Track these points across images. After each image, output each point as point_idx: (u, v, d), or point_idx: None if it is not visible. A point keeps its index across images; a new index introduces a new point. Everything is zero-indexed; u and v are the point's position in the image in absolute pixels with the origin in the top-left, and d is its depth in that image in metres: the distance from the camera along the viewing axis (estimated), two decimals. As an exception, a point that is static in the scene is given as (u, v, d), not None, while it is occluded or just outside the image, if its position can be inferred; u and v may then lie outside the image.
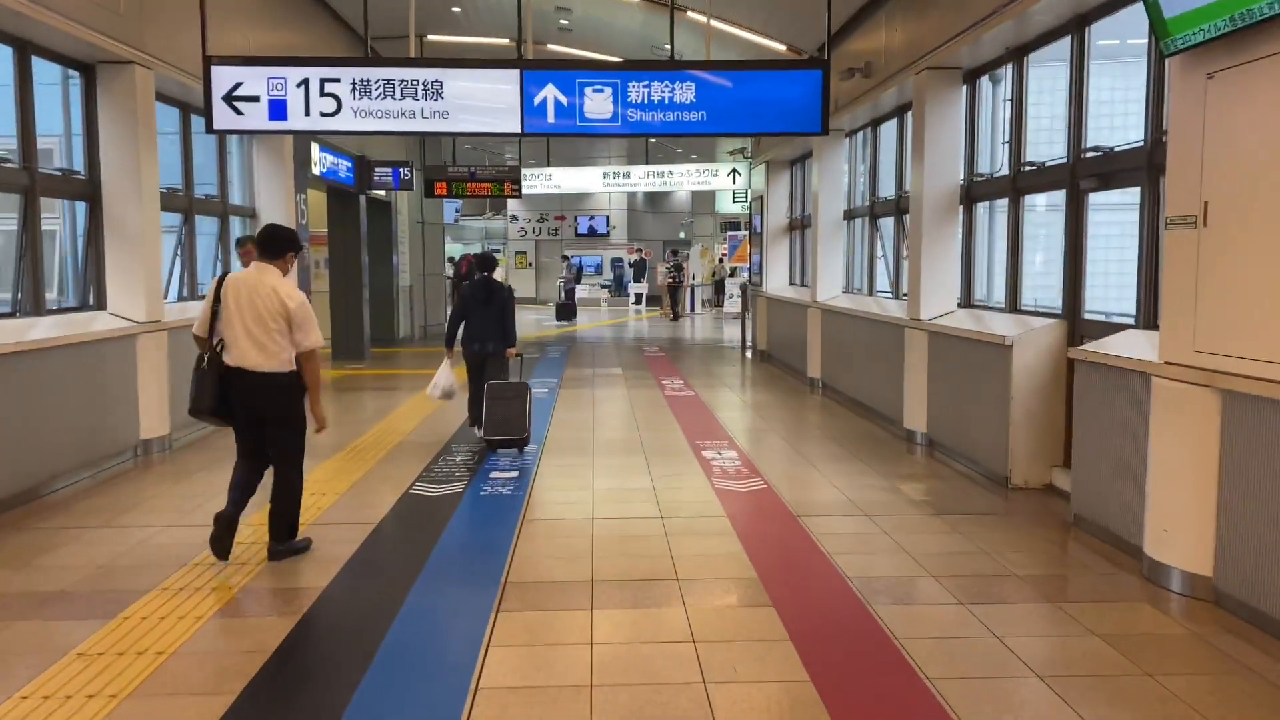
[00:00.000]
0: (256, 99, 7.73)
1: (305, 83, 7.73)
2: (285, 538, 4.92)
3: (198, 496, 6.32)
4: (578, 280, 24.28)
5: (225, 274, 4.87)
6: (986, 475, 6.80)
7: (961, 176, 8.00)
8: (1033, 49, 6.93)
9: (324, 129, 7.87)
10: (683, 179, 18.14)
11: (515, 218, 32.69)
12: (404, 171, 14.88)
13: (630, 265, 30.47)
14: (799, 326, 12.49)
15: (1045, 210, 7.76)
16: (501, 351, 8.09)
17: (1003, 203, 7.51)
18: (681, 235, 33.81)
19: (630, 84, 7.83)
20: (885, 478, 6.86)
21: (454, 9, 13.10)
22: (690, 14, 11.25)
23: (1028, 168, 7.01)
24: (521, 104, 7.82)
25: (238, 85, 7.69)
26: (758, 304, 15.50)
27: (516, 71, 7.76)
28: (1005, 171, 7.34)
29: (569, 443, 8.19)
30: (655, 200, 34.76)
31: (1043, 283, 7.42)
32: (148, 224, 7.87)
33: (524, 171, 18.96)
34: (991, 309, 7.73)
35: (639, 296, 29.92)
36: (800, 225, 14.19)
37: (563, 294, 24.31)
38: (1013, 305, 7.28)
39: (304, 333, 4.75)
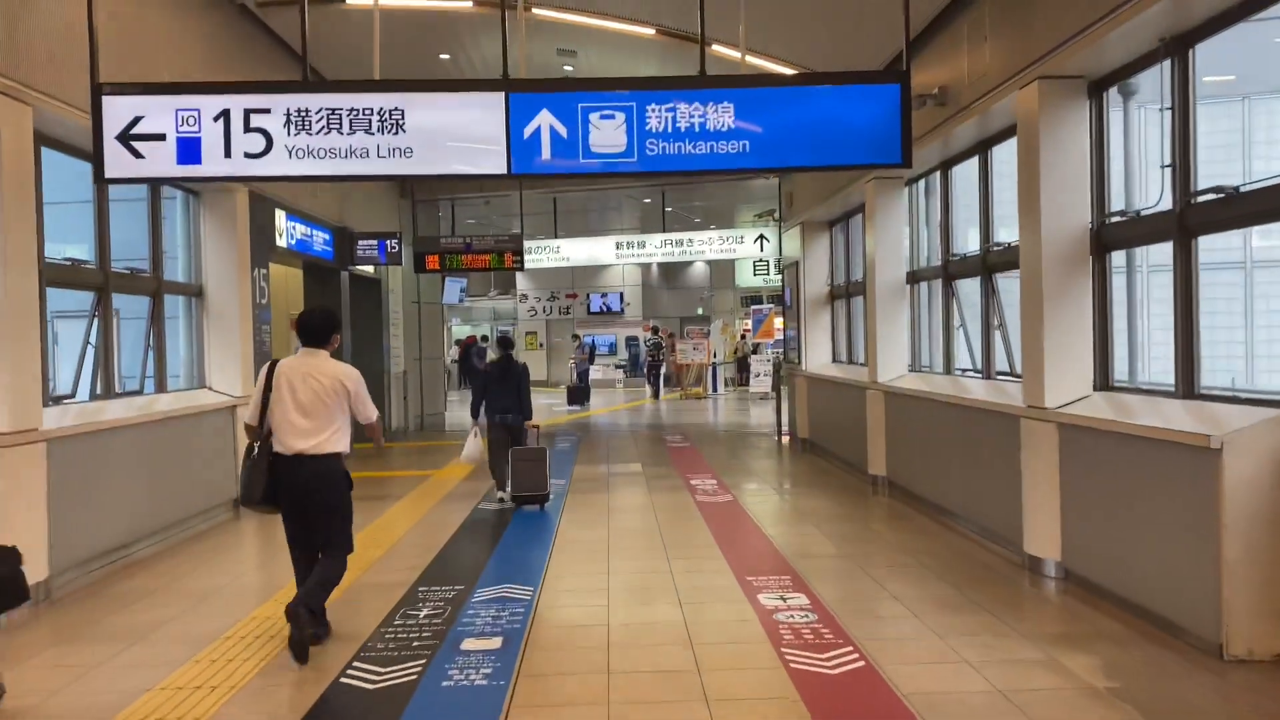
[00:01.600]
0: (161, 137, 5.93)
1: (225, 115, 5.94)
2: (313, 606, 4.75)
3: (74, 667, 4.31)
4: (591, 360, 22.40)
5: (275, 361, 4.91)
6: (1173, 631, 4.70)
7: (1089, 217, 6.06)
8: (1205, 35, 5.05)
9: (250, 174, 6.05)
10: (704, 247, 16.39)
11: (525, 296, 31.03)
12: (391, 244, 13.13)
13: (645, 344, 28.64)
14: (853, 412, 10.47)
15: (1211, 260, 5.79)
16: (520, 423, 8.93)
17: (1160, 250, 5.55)
18: (700, 311, 32.02)
19: (649, 108, 6.00)
20: (1031, 641, 4.75)
21: (441, 55, 11.46)
22: (718, 47, 9.53)
23: (1205, 197, 5.06)
24: (508, 137, 6.00)
25: (137, 120, 5.90)
26: (796, 385, 13.50)
27: (500, 95, 5.95)
28: (1165, 205, 5.38)
29: (575, 586, 6.13)
30: (671, 275, 33.08)
31: (1225, 354, 5.42)
32: (18, 304, 5.99)
33: (529, 244, 17.24)
34: (1148, 392, 5.70)
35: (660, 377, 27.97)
36: (845, 293, 12.27)
37: (574, 375, 22.41)
38: (1187, 388, 5.25)
39: (364, 408, 4.97)
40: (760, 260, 30.50)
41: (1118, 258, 6.05)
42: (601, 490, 9.74)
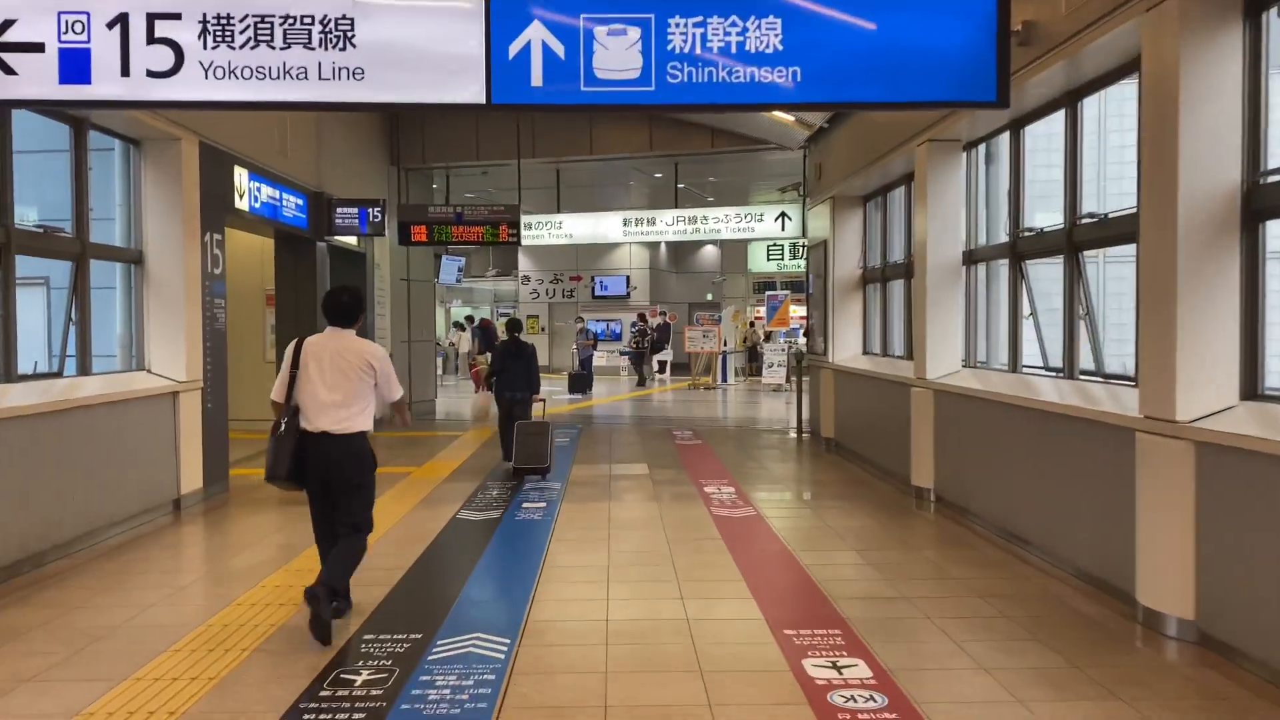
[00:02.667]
0: (39, 48, 4.63)
1: (122, 21, 4.64)
2: (337, 584, 4.69)
3: None
4: (594, 347, 21.07)
5: (302, 338, 4.87)
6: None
7: (1238, 175, 4.68)
8: None
9: (154, 98, 4.70)
10: (719, 226, 15.02)
11: (526, 278, 29.68)
12: (373, 212, 11.77)
13: (653, 330, 27.31)
14: (892, 412, 9.14)
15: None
16: (528, 398, 9.88)
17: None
18: (709, 297, 30.64)
19: (672, 21, 4.66)
20: (1192, 751, 3.44)
21: None
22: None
23: None
24: (488, 56, 4.68)
25: (7, 25, 4.59)
26: (820, 378, 12.15)
27: (478, 1, 4.62)
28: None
29: (563, 638, 4.81)
30: (680, 258, 31.70)
31: None
32: None
33: (528, 219, 15.88)
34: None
35: (662, 365, 26.66)
36: (881, 277, 10.91)
37: (577, 363, 21.09)
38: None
39: (390, 386, 4.93)
40: (775, 244, 29.08)
41: (1275, 227, 4.68)
42: (602, 497, 8.42)
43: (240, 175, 9.34)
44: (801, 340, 27.69)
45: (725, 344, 23.06)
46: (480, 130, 14.58)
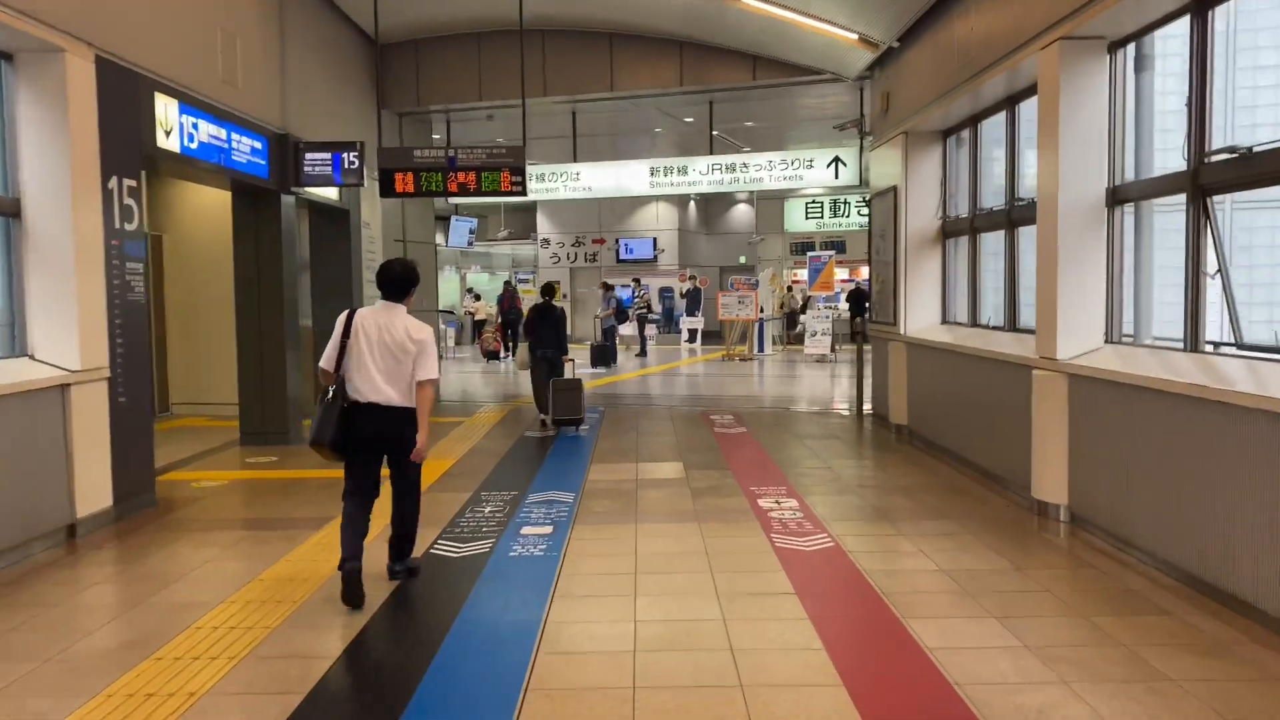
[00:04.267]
0: None
1: None
2: (407, 555, 5.12)
3: None
4: (620, 318, 19.05)
5: (354, 309, 4.88)
6: None
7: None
8: None
9: None
10: (761, 174, 12.88)
11: (546, 241, 27.66)
12: (349, 158, 9.79)
13: (682, 296, 25.25)
14: (998, 400, 7.11)
15: None
16: (559, 357, 10.56)
17: None
18: (742, 260, 28.49)
19: None
20: None
21: None
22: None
23: None
24: None
25: None
26: (889, 353, 10.09)
27: None
28: None
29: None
30: (711, 218, 29.53)
31: None
32: None
33: (541, 169, 13.85)
34: None
35: (693, 333, 24.65)
36: (969, 228, 8.82)
37: (600, 333, 19.12)
38: None
39: (425, 365, 4.80)
40: (814, 201, 26.92)
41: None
42: (626, 517, 6.46)
43: (165, 106, 7.38)
44: (843, 305, 25.59)
45: (762, 310, 20.98)
46: (483, 63, 12.55)
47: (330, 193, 11.31)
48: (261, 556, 5.63)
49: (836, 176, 12.65)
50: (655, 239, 26.74)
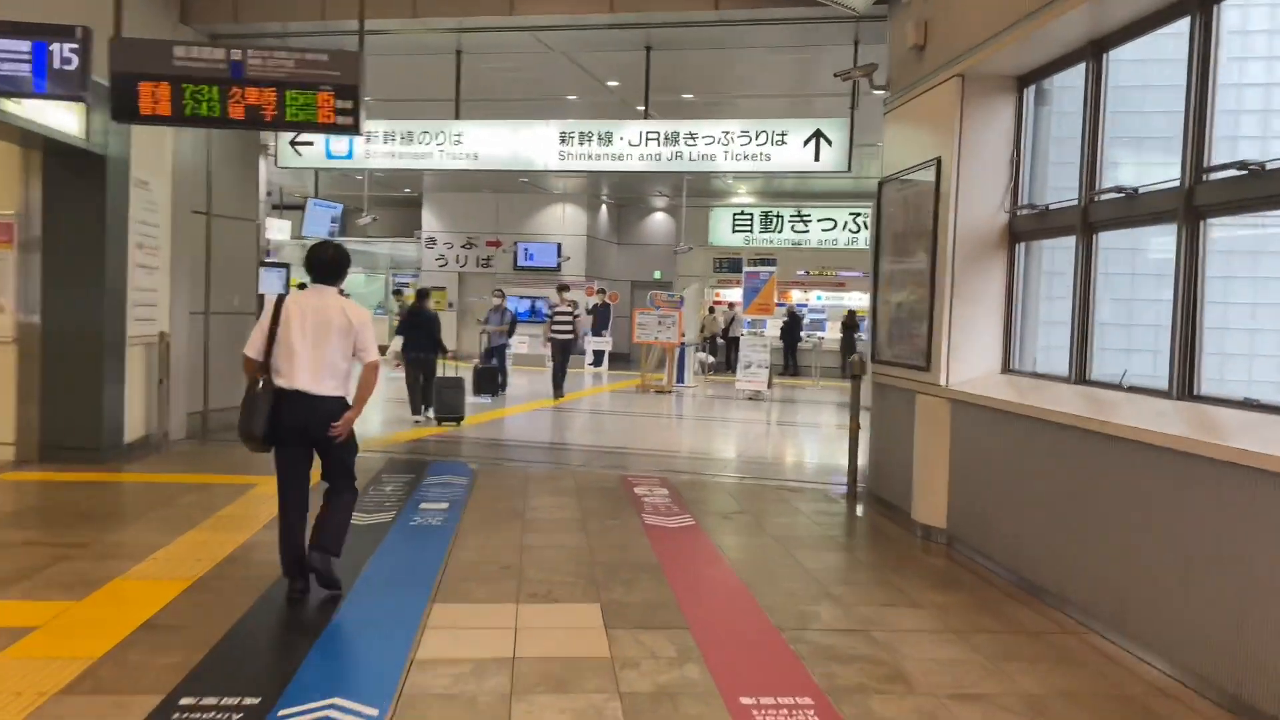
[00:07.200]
0: None
1: None
2: (338, 550, 4.72)
3: None
4: (511, 333, 15.21)
5: (282, 295, 4.69)
6: None
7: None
8: None
9: None
10: (714, 149, 9.34)
11: (432, 240, 23.61)
12: (60, 51, 5.81)
13: (589, 312, 21.54)
14: (1145, 517, 3.65)
15: None
16: (433, 358, 11.13)
17: None
18: (657, 275, 24.98)
19: None
20: None
21: None
22: None
23: None
24: None
25: None
26: (919, 412, 6.56)
27: None
28: None
29: None
30: (625, 226, 25.97)
31: None
32: None
33: (407, 127, 10.00)
34: None
35: (599, 355, 20.98)
36: (1079, 222, 5.40)
37: (483, 352, 15.30)
38: None
39: (367, 347, 4.69)
40: (743, 213, 23.63)
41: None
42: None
43: None
44: (820, 334, 22.16)
45: (684, 335, 17.44)
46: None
47: (69, 123, 7.32)
48: None
49: (817, 158, 9.15)
50: (560, 245, 23.00)
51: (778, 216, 23.28)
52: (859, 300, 22.31)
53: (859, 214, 22.23)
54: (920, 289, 6.69)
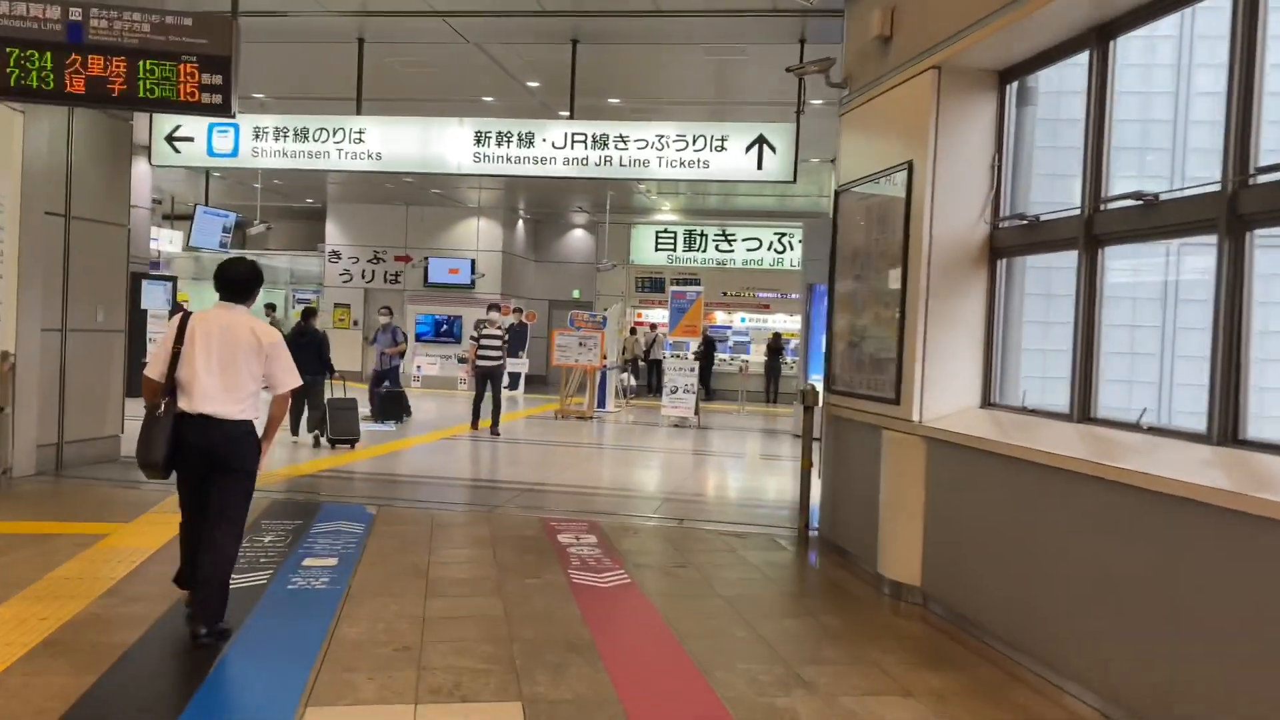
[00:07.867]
0: None
1: None
2: (220, 614, 4.24)
3: None
4: (403, 354, 14.01)
5: (188, 313, 4.43)
6: None
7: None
8: None
9: None
10: (647, 155, 8.46)
11: (336, 255, 22.23)
12: None
13: (504, 331, 20.41)
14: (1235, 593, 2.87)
15: None
16: (320, 379, 10.49)
17: None
18: (576, 294, 24.04)
19: None
20: None
21: None
22: None
23: None
24: None
25: None
26: (887, 451, 5.74)
27: None
28: None
29: None
30: (542, 243, 25.01)
31: None
32: None
33: (303, 125, 8.88)
34: None
35: (514, 379, 19.87)
36: (1082, 235, 4.66)
37: (374, 374, 14.11)
38: None
39: (282, 373, 4.43)
40: (666, 231, 22.87)
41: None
42: None
43: None
44: (745, 357, 21.42)
45: (606, 358, 16.51)
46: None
47: None
48: None
49: (759, 166, 8.36)
50: (474, 261, 21.86)
51: (702, 235, 22.60)
52: (784, 323, 21.76)
53: (784, 234, 21.69)
54: (887, 310, 5.90)
